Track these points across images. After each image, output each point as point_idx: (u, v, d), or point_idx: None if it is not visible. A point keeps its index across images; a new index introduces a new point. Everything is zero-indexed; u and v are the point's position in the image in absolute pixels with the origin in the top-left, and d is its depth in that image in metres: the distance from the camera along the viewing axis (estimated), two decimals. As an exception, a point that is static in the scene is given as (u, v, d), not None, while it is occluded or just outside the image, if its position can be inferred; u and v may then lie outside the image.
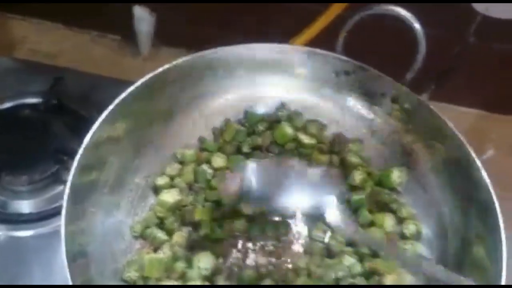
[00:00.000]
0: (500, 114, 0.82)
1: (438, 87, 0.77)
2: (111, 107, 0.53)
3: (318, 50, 0.60)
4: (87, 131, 0.52)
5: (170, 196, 0.57)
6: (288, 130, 0.62)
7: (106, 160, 0.55)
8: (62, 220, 0.48)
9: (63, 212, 0.48)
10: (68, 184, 0.49)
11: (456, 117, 0.58)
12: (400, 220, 0.59)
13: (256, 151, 0.62)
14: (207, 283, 0.53)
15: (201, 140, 0.63)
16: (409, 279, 0.55)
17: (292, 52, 0.62)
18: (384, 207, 0.59)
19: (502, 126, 0.81)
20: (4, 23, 0.84)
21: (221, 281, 0.54)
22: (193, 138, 0.63)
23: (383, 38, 0.65)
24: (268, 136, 0.63)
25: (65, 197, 0.49)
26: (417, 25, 0.57)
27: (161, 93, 0.58)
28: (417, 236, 0.58)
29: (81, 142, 0.51)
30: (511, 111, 0.81)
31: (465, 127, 0.56)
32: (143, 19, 0.79)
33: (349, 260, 0.55)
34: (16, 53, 0.81)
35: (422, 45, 0.56)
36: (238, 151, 0.62)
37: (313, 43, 0.65)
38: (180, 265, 0.54)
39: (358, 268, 0.55)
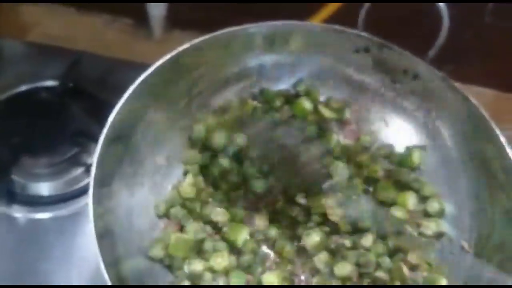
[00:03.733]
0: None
1: (456, 68, 0.76)
2: (135, 84, 0.52)
3: (337, 27, 0.59)
4: (104, 114, 0.51)
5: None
6: (307, 104, 0.62)
7: (129, 139, 0.55)
8: (89, 198, 0.48)
9: (91, 191, 0.48)
10: (94, 163, 0.49)
11: (473, 97, 0.57)
12: (423, 199, 0.59)
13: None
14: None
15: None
16: (433, 256, 0.55)
17: (310, 29, 0.61)
18: (405, 186, 0.59)
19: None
20: (16, 8, 0.83)
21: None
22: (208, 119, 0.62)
23: (404, 15, 0.65)
24: (287, 111, 0.62)
25: (92, 175, 0.49)
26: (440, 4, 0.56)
27: (179, 74, 0.58)
28: (440, 214, 0.58)
29: (99, 124, 0.51)
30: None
31: (483, 108, 0.56)
32: (156, 2, 0.78)
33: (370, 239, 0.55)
34: (29, 37, 0.81)
35: (445, 20, 0.55)
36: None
37: (333, 19, 0.64)
38: (209, 245, 0.54)
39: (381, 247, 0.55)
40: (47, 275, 0.59)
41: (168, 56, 0.55)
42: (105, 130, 0.50)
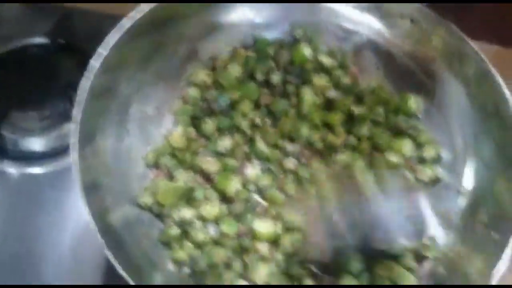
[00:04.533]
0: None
1: (456, 23, 0.74)
2: (119, 32, 0.51)
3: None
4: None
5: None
6: (307, 50, 0.60)
7: (114, 88, 0.54)
8: (73, 152, 0.47)
9: (73, 140, 0.47)
10: (76, 113, 0.48)
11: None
12: (419, 145, 0.58)
13: (272, 75, 0.60)
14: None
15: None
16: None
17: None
18: (401, 133, 0.58)
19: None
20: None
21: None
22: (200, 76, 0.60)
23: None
24: (285, 55, 0.60)
25: (74, 126, 0.48)
26: None
27: (165, 22, 0.56)
28: (436, 160, 0.57)
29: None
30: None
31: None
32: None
33: None
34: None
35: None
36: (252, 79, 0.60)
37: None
38: (199, 194, 0.54)
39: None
40: (41, 228, 0.59)
41: (153, 4, 0.53)
42: (84, 79, 0.50)
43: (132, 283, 0.43)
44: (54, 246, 0.58)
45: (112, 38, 0.51)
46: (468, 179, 0.56)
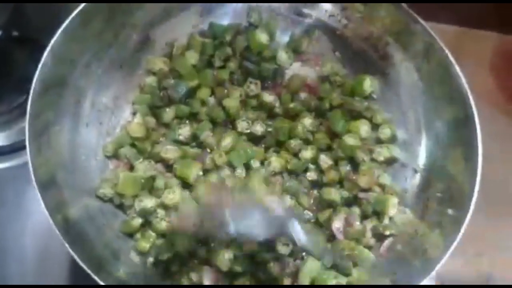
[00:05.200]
0: (478, 29, 0.80)
1: (413, 3, 0.75)
2: (66, 21, 0.51)
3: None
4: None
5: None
6: (263, 36, 0.60)
7: (69, 80, 0.53)
8: (27, 149, 0.46)
9: (27, 139, 0.47)
10: (29, 105, 0.47)
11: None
12: (375, 126, 0.59)
13: (229, 62, 0.60)
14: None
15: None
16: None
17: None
18: (358, 115, 0.59)
19: (480, 41, 0.80)
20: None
21: None
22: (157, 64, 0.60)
23: None
24: (241, 42, 0.60)
25: (27, 118, 0.47)
26: None
27: (115, 8, 0.55)
28: (392, 139, 0.58)
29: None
30: (489, 27, 0.79)
31: (443, 43, 0.56)
32: None
33: None
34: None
35: None
36: (209, 66, 0.60)
37: None
38: (160, 183, 0.54)
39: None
40: (1, 223, 0.58)
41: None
42: (37, 72, 0.49)
43: (93, 276, 0.43)
44: (16, 241, 0.58)
45: (64, 29, 0.50)
46: (422, 157, 0.57)
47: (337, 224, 0.53)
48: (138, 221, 0.53)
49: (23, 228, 0.58)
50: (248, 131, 0.58)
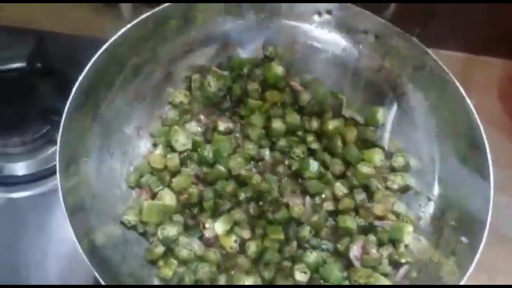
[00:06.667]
0: (485, 56, 0.82)
1: (422, 32, 0.77)
2: (97, 54, 0.53)
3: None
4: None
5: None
6: (279, 69, 0.62)
7: (96, 112, 0.55)
8: (58, 174, 0.48)
9: (58, 165, 0.49)
10: (60, 139, 0.50)
11: (441, 61, 0.59)
12: (388, 155, 0.61)
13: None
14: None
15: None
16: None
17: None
18: (372, 144, 0.61)
19: (487, 68, 0.81)
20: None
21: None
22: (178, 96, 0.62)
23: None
24: (258, 74, 0.62)
25: (58, 151, 0.49)
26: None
27: (141, 44, 0.58)
28: (405, 168, 0.60)
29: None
30: (496, 53, 0.81)
31: (451, 70, 0.58)
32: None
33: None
34: (-4, 21, 0.80)
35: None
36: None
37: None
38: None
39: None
40: (27, 250, 0.60)
41: (129, 25, 0.56)
42: (67, 106, 0.51)
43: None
44: (39, 269, 0.59)
45: (92, 64, 0.53)
46: (436, 185, 0.59)
47: (355, 252, 0.54)
48: (160, 248, 0.54)
49: (46, 258, 0.59)
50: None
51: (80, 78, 0.52)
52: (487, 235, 0.50)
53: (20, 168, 0.64)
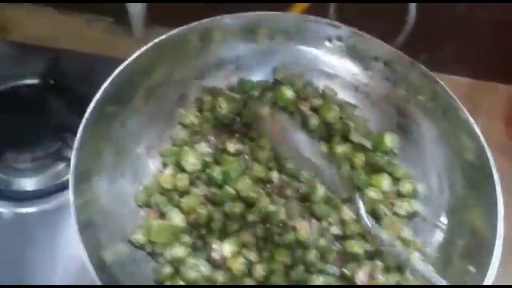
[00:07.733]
0: (491, 82, 0.83)
1: (429, 57, 0.78)
2: (113, 75, 0.54)
3: (311, 17, 0.62)
4: (86, 109, 0.53)
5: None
6: (288, 92, 0.63)
7: (109, 132, 0.56)
8: (70, 191, 0.49)
9: (70, 182, 0.49)
10: (73, 156, 0.50)
11: (447, 86, 0.59)
12: (396, 180, 0.61)
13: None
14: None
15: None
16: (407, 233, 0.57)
17: (285, 19, 0.63)
18: (379, 169, 0.61)
19: (494, 94, 0.82)
20: (-2, 9, 0.84)
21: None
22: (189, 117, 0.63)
23: (375, 4, 0.67)
24: (269, 97, 0.63)
25: (72, 168, 0.50)
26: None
27: (157, 66, 0.59)
28: (413, 194, 0.60)
29: (80, 119, 0.52)
30: (502, 79, 0.82)
31: (457, 96, 0.59)
32: (135, 2, 0.79)
33: None
34: (12, 37, 0.82)
35: (412, 5, 0.57)
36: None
37: (306, 11, 0.66)
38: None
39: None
40: (34, 266, 0.60)
41: (145, 47, 0.57)
42: (82, 125, 0.52)
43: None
44: (46, 281, 0.59)
45: (107, 86, 0.54)
46: (444, 213, 0.59)
47: (362, 277, 0.54)
48: (168, 269, 0.54)
49: (54, 273, 0.59)
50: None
51: (97, 97, 0.53)
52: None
53: (29, 184, 0.65)
